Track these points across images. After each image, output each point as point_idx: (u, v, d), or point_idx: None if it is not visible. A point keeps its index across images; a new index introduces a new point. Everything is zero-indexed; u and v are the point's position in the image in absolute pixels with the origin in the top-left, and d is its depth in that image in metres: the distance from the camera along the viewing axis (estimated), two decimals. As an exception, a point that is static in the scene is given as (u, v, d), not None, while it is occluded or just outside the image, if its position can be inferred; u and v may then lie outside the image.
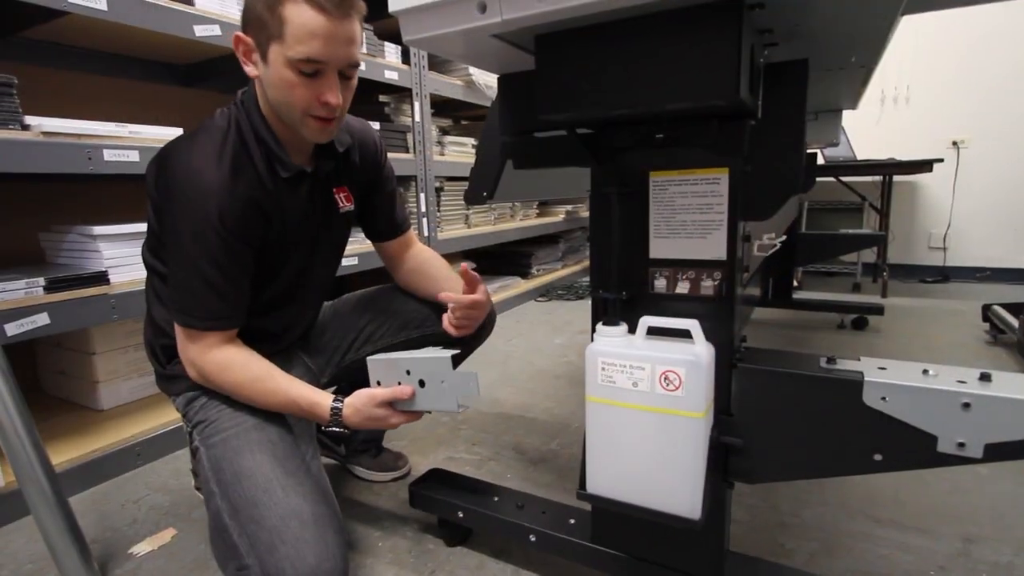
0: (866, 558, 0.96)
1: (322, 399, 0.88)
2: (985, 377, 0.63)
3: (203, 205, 0.80)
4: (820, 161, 3.20)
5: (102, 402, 1.51)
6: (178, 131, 1.43)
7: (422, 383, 0.89)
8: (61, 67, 1.62)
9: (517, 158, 0.91)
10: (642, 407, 0.71)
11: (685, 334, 0.71)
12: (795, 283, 3.08)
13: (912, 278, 3.53)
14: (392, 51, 2.22)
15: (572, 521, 0.92)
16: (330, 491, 0.89)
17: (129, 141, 1.31)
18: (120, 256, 1.33)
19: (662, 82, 0.62)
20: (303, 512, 0.80)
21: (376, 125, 2.14)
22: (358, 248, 1.87)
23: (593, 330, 0.78)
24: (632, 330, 0.75)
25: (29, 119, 1.17)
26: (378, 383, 0.93)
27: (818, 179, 3.01)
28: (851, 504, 1.12)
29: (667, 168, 0.74)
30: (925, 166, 2.93)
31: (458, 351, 0.91)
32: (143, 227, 1.35)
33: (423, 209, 2.38)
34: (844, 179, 3.20)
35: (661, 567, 0.81)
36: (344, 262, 1.13)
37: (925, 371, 0.66)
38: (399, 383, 0.91)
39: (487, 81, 2.65)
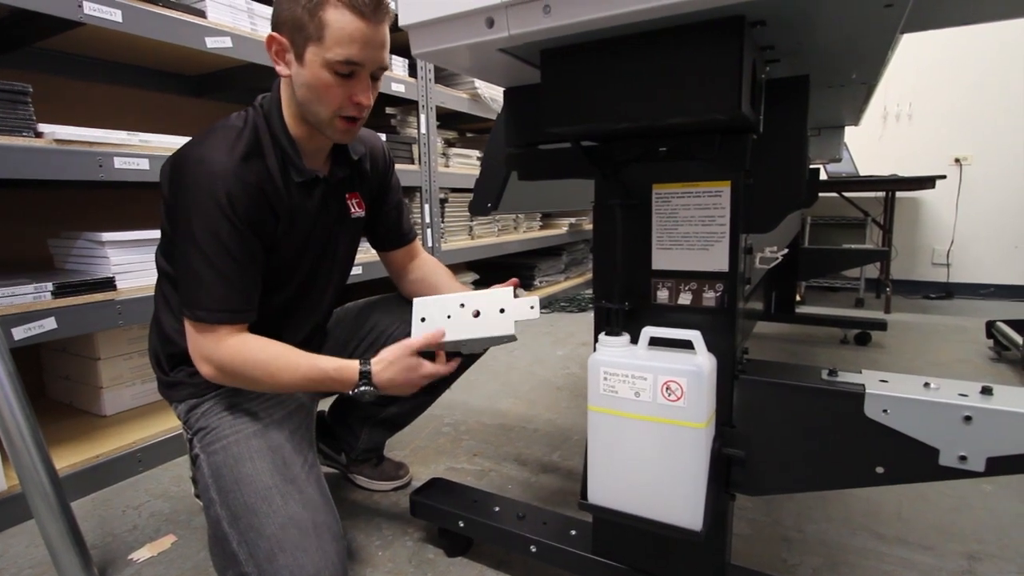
0: (870, 575, 0.95)
1: (349, 361, 0.88)
2: (987, 390, 0.63)
3: (212, 190, 0.81)
4: (823, 176, 3.21)
5: (105, 408, 1.51)
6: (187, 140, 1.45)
7: (477, 314, 0.89)
8: (75, 77, 1.65)
9: (522, 170, 0.92)
10: (644, 417, 0.72)
11: (687, 345, 0.71)
12: (798, 297, 3.08)
13: (915, 294, 3.53)
14: (399, 64, 2.26)
15: (573, 532, 0.91)
16: (330, 499, 0.88)
17: (139, 149, 1.33)
18: (127, 262, 1.34)
19: (665, 97, 0.63)
20: (302, 520, 0.80)
21: (383, 136, 2.16)
22: (363, 258, 1.88)
23: (595, 340, 0.79)
24: (634, 340, 0.75)
25: (43, 127, 1.19)
26: (422, 320, 0.92)
27: (821, 194, 3.02)
28: (854, 520, 1.11)
29: (670, 181, 0.75)
30: (928, 183, 2.94)
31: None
32: (151, 234, 1.37)
33: (427, 220, 2.40)
34: (847, 194, 3.21)
35: (662, 580, 0.81)
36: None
37: (927, 384, 0.66)
38: (448, 316, 0.90)
39: (492, 94, 2.68)
